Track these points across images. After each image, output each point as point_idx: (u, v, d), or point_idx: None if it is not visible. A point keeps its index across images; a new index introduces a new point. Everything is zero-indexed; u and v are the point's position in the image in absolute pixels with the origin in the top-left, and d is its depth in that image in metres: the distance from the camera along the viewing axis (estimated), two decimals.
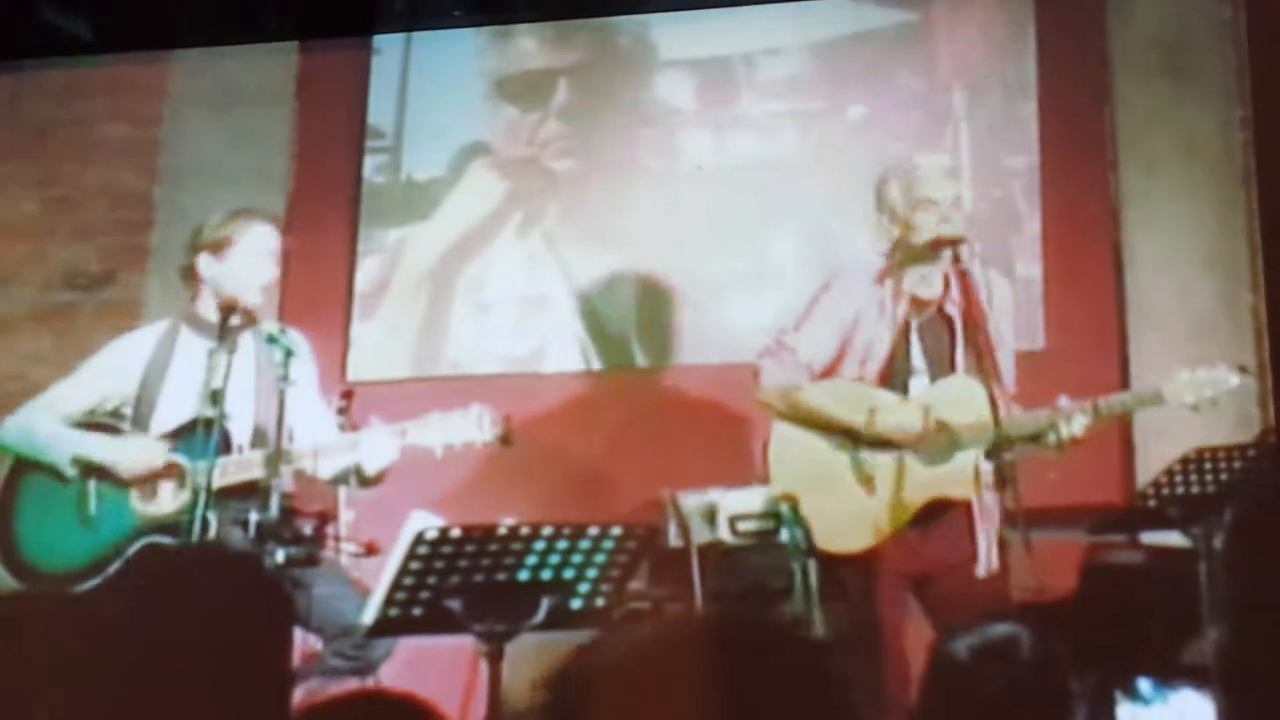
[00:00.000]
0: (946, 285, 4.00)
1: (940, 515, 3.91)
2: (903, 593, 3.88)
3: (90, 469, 4.05)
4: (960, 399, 3.90)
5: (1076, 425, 3.82)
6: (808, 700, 1.51)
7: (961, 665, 2.30)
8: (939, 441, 3.89)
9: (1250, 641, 1.78)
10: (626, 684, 1.49)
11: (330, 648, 4.00)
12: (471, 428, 3.94)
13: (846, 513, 3.87)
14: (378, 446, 3.98)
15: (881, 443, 3.91)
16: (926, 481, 3.90)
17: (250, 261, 4.13)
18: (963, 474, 3.88)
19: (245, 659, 1.82)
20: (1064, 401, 3.86)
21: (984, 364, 3.86)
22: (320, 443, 4.02)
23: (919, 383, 3.99)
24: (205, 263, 4.15)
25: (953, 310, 3.99)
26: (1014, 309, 4.24)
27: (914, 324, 4.01)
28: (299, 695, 3.33)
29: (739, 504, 4.42)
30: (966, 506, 3.90)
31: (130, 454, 4.03)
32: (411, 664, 4.06)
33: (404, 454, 3.98)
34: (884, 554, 3.87)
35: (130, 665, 1.74)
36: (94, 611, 1.85)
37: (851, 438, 3.93)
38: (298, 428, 4.09)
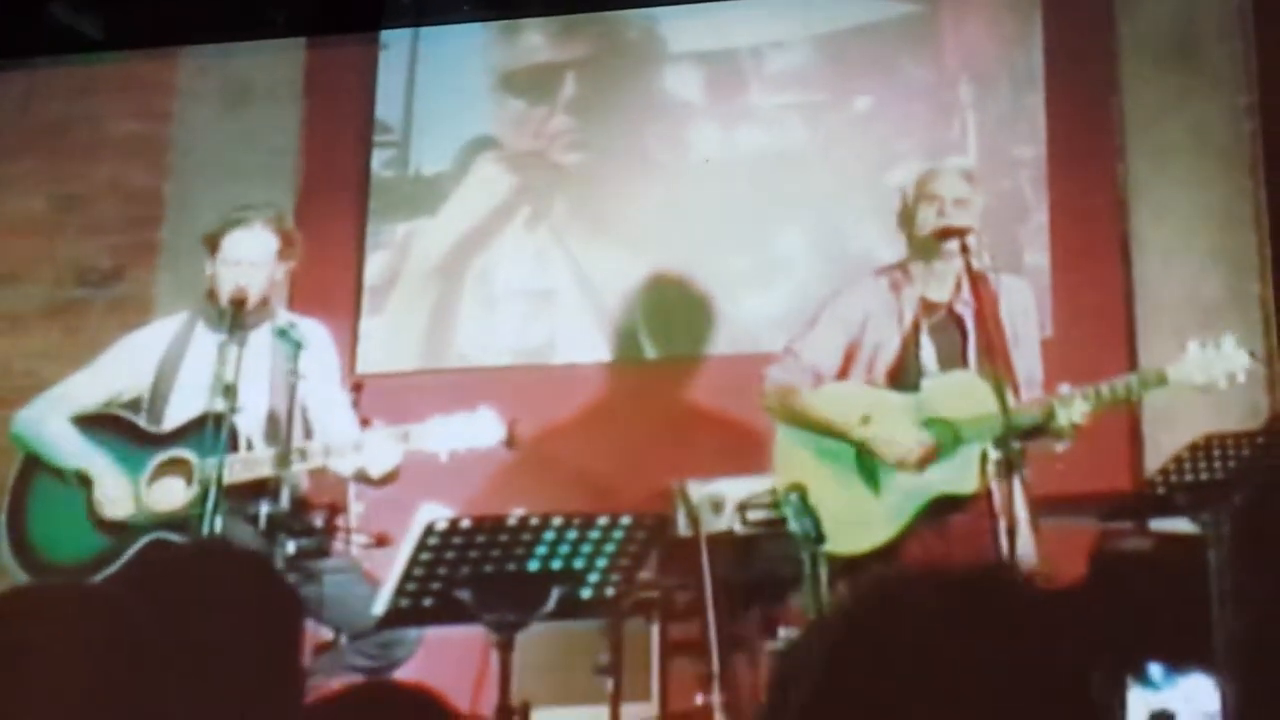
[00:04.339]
0: (958, 287, 4.01)
1: (955, 512, 3.89)
2: None
3: (88, 481, 4.06)
4: (962, 393, 3.89)
5: (1077, 411, 3.79)
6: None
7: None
8: (941, 437, 3.89)
9: (1258, 628, 1.78)
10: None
11: (353, 646, 4.00)
12: (476, 432, 3.92)
13: (853, 512, 3.86)
14: (380, 451, 3.95)
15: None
16: (931, 478, 3.90)
17: (226, 270, 4.11)
18: (967, 469, 3.87)
19: (251, 655, 1.82)
20: (1065, 388, 3.85)
21: (996, 362, 3.84)
22: (329, 442, 4.01)
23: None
24: (207, 259, 4.18)
25: (963, 310, 3.99)
26: (1033, 307, 4.21)
27: (925, 325, 4.01)
28: (312, 688, 3.34)
29: (748, 494, 4.43)
30: (982, 503, 3.88)
31: (106, 493, 4.03)
32: (422, 654, 4.07)
33: (411, 454, 3.97)
34: (906, 556, 3.85)
35: (134, 659, 1.74)
36: (97, 605, 1.85)
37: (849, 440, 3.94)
38: (316, 421, 4.09)
